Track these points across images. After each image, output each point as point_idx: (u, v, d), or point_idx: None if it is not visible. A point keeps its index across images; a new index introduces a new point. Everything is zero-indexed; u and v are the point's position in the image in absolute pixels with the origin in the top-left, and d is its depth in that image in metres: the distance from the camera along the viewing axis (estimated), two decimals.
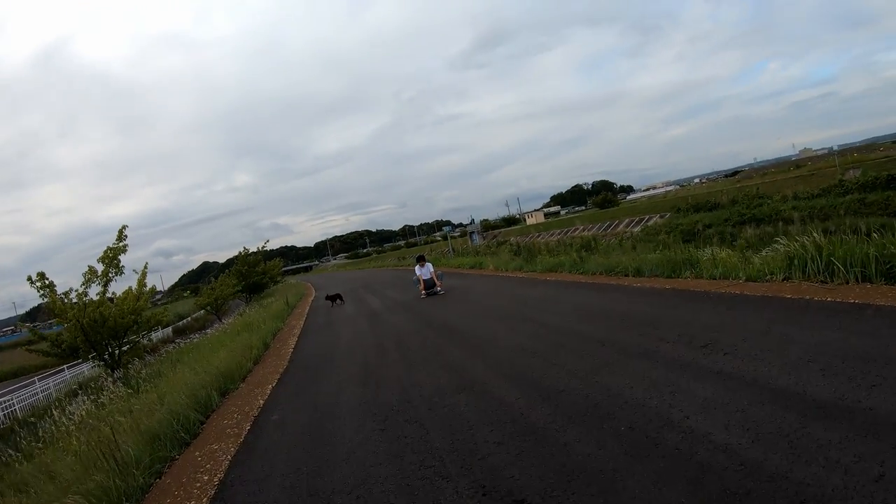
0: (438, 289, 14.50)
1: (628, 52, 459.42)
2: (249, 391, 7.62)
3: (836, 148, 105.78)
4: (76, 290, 13.87)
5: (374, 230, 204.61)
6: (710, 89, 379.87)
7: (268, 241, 37.97)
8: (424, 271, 14.65)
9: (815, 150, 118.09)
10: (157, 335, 37.50)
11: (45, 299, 14.20)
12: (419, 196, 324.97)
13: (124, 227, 14.28)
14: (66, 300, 13.97)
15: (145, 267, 15.31)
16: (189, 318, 41.83)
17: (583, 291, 10.29)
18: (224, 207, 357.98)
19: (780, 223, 29.68)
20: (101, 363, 14.88)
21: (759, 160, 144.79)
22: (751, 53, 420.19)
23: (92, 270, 13.72)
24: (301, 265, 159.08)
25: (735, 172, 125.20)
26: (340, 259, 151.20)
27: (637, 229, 41.90)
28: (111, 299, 15.33)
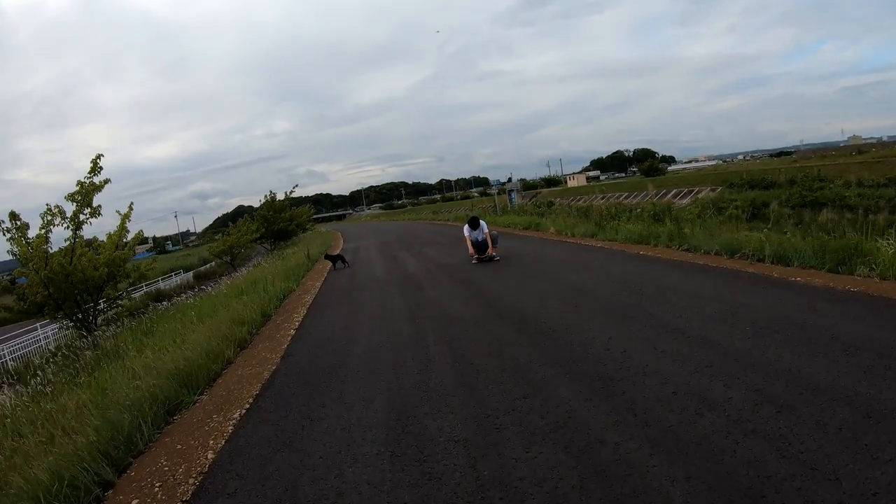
0: (493, 254, 11.27)
1: (679, 18, 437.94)
2: (203, 421, 4.56)
3: (885, 138, 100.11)
4: (39, 235, 11.07)
5: (410, 182, 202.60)
6: (760, 65, 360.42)
7: (296, 185, 35.18)
8: (477, 233, 11.42)
9: (864, 138, 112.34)
10: (177, 279, 35.40)
11: (13, 245, 11.49)
12: (457, 151, 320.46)
13: (99, 155, 11.28)
14: (32, 247, 11.20)
15: (130, 207, 12.41)
16: (212, 263, 39.62)
17: (719, 281, 6.89)
18: (262, 152, 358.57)
19: (861, 211, 27.25)
20: (71, 324, 12.19)
21: (805, 143, 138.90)
22: (806, 32, 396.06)
23: (52, 210, 10.88)
24: (335, 213, 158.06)
25: (781, 153, 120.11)
26: (375, 209, 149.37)
27: (686, 201, 38.35)
28: (90, 246, 12.65)
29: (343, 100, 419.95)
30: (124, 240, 12.39)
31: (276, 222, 32.24)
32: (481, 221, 11.60)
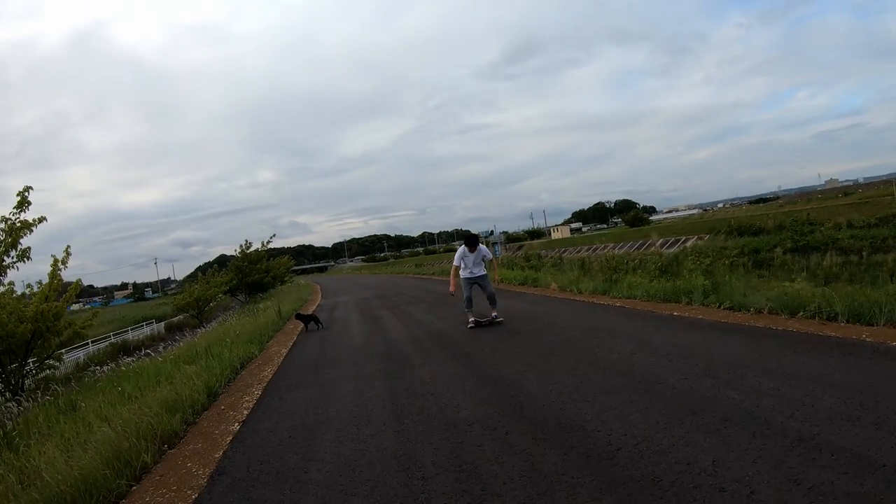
0: (494, 315, 9.49)
1: (656, 71, 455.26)
2: None
3: (861, 180, 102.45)
4: None
5: (392, 235, 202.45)
6: (736, 114, 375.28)
7: (274, 235, 33.28)
8: (475, 260, 9.38)
9: (840, 181, 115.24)
10: (148, 330, 32.93)
11: None
12: (439, 203, 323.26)
13: (27, 188, 9.46)
14: None
15: (66, 251, 10.48)
16: (185, 315, 37.27)
17: (805, 353, 5.15)
18: (245, 202, 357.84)
19: (865, 253, 26.71)
20: None
21: (783, 188, 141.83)
22: (779, 80, 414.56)
23: None
24: (317, 265, 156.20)
25: (760, 199, 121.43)
26: (357, 262, 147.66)
27: (674, 250, 37.38)
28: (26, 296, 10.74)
29: (326, 152, 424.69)
30: (58, 289, 10.44)
31: (252, 273, 30.21)
32: (481, 245, 9.69)
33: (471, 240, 9.44)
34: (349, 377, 6.78)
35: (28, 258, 9.83)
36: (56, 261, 10.24)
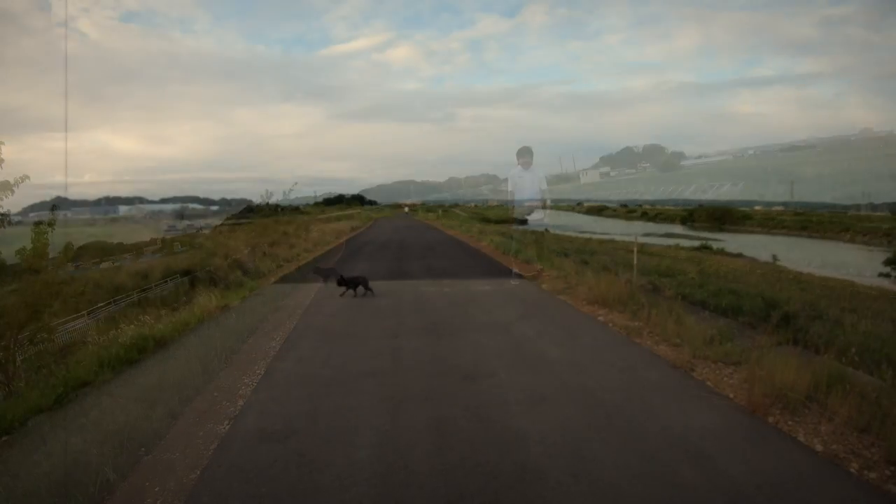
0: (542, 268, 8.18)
1: (684, 17, 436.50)
2: None
3: None
4: None
5: (419, 181, 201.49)
6: (764, 62, 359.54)
7: (296, 183, 32.14)
8: (528, 185, 8.02)
9: (876, 132, 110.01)
10: (172, 285, 32.29)
11: None
12: (466, 148, 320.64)
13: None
14: None
15: (52, 213, 9.28)
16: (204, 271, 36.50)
17: None
18: (274, 152, 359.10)
19: None
20: None
21: (815, 136, 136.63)
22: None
23: None
24: (344, 212, 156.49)
25: (793, 147, 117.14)
26: (385, 208, 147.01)
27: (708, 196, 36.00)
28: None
29: (357, 97, 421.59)
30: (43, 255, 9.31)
31: (272, 228, 29.09)
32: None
33: (523, 151, 7.79)
34: (367, 353, 5.53)
35: (9, 222, 8.73)
36: (37, 227, 9.05)
